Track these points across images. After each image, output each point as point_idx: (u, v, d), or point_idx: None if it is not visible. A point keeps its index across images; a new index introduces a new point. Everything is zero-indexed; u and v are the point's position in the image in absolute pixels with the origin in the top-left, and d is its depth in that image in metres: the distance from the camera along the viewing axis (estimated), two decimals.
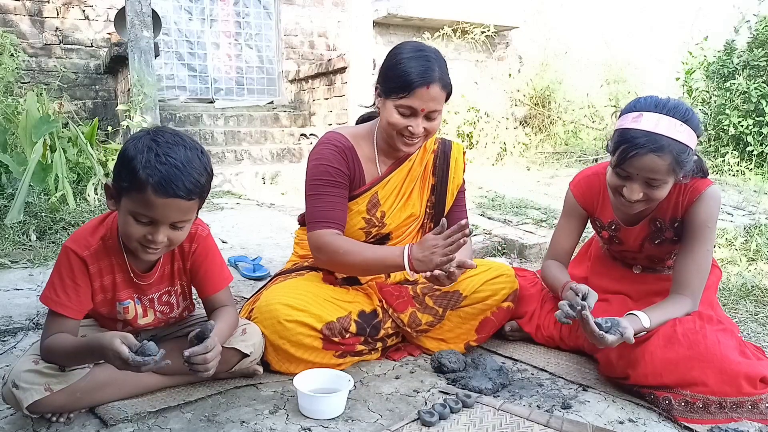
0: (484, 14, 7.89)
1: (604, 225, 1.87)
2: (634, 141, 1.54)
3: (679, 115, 1.55)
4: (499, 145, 6.54)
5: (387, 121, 1.73)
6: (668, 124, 1.53)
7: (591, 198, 1.87)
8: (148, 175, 1.29)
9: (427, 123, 1.74)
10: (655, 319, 1.58)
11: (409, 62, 1.68)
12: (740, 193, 4.89)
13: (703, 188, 1.67)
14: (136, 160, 1.31)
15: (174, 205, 1.33)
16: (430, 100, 1.69)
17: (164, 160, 1.31)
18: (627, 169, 1.58)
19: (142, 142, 1.34)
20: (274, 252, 3.04)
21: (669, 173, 1.55)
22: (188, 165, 1.34)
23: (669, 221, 1.74)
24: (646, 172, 1.55)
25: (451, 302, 1.88)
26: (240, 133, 6.58)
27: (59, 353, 1.39)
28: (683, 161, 1.54)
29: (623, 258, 1.93)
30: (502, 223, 3.75)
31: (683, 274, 1.68)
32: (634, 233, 1.80)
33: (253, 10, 7.84)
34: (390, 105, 1.72)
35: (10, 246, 2.91)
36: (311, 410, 1.49)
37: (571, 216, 1.93)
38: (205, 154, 1.41)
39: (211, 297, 1.61)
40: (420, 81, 1.66)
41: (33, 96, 3.74)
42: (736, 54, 6.47)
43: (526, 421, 1.46)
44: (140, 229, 1.36)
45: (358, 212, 1.85)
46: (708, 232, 1.67)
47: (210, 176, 1.42)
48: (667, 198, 1.69)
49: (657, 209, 1.74)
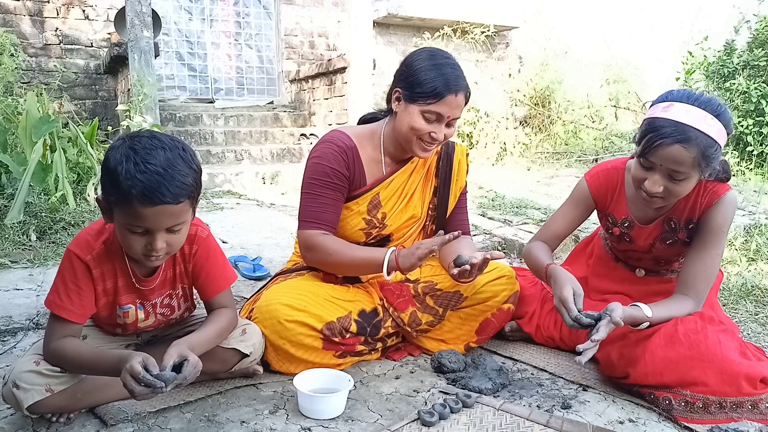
0: (484, 14, 7.89)
1: (617, 221, 1.84)
2: (660, 130, 1.51)
3: (711, 108, 1.51)
4: (499, 145, 6.54)
5: (410, 126, 1.73)
6: (698, 116, 1.50)
7: (607, 192, 1.83)
8: (130, 187, 1.25)
9: (447, 130, 1.76)
10: (658, 313, 1.58)
11: (440, 69, 1.71)
12: (740, 193, 4.89)
13: (723, 192, 1.66)
14: (116, 171, 1.26)
15: (164, 211, 1.29)
16: (456, 108, 1.72)
17: (144, 168, 1.25)
18: (651, 158, 1.54)
19: (120, 151, 1.29)
20: (274, 252, 3.04)
21: (693, 167, 1.51)
22: (170, 168, 1.28)
23: (684, 222, 1.72)
24: (669, 162, 1.52)
25: (451, 303, 1.88)
26: (240, 133, 6.58)
27: (70, 361, 1.37)
28: (710, 156, 1.50)
29: (627, 259, 1.92)
30: (502, 223, 3.75)
31: (691, 276, 1.67)
32: (646, 232, 1.78)
33: (253, 10, 7.85)
34: (415, 110, 1.72)
35: (10, 246, 2.91)
36: (311, 410, 1.49)
37: (578, 205, 1.89)
38: (188, 151, 1.35)
39: (211, 299, 1.60)
40: (452, 88, 1.69)
41: (33, 96, 3.73)
42: (736, 54, 6.48)
43: (526, 421, 1.46)
44: (138, 240, 1.34)
45: (359, 213, 1.85)
46: (722, 237, 1.66)
47: (197, 173, 1.36)
48: (685, 198, 1.67)
49: (673, 209, 1.72)
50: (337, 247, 1.76)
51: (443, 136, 1.75)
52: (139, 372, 1.21)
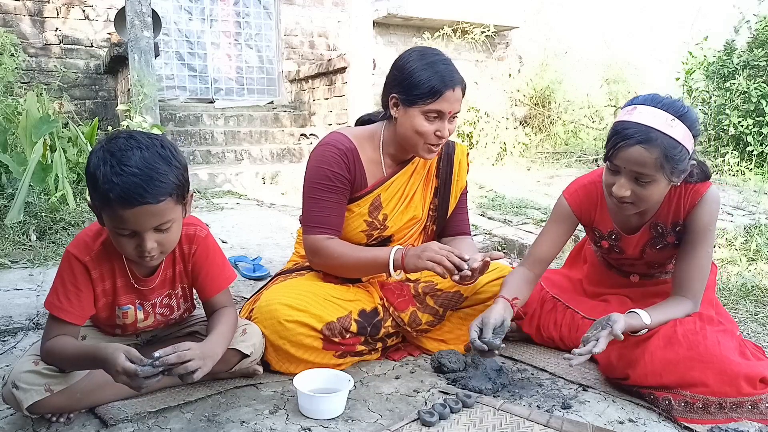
0: (484, 14, 7.89)
1: (603, 235, 1.83)
2: (623, 132, 1.52)
3: (674, 110, 1.51)
4: (499, 145, 6.54)
5: (414, 130, 1.73)
6: (659, 118, 1.50)
7: (589, 207, 1.82)
8: (108, 191, 1.24)
9: (450, 125, 1.76)
10: (656, 318, 1.58)
11: (433, 67, 1.71)
12: (740, 193, 4.89)
13: (704, 190, 1.66)
14: (95, 176, 1.26)
15: (145, 212, 1.27)
16: (456, 102, 1.73)
17: (119, 170, 1.24)
18: (615, 161, 1.55)
19: (98, 155, 1.28)
20: (274, 252, 3.04)
21: (657, 169, 1.51)
22: (147, 168, 1.26)
23: (671, 225, 1.72)
24: (632, 164, 1.52)
25: (451, 303, 1.88)
26: (240, 133, 6.58)
27: (59, 357, 1.38)
28: (673, 158, 1.50)
29: (620, 266, 1.91)
30: (502, 223, 3.75)
31: (685, 277, 1.67)
32: (635, 241, 1.77)
33: (253, 10, 7.85)
34: (416, 113, 1.72)
35: (10, 246, 2.91)
36: (311, 410, 1.48)
37: (561, 223, 1.84)
38: (168, 148, 1.33)
39: (211, 299, 1.60)
40: (448, 84, 1.69)
41: (33, 96, 3.73)
42: (736, 54, 6.48)
43: (526, 421, 1.46)
44: (128, 242, 1.33)
45: (360, 215, 1.85)
46: (710, 235, 1.66)
47: (180, 169, 1.34)
48: (668, 202, 1.68)
49: (657, 214, 1.72)
50: (342, 251, 1.76)
51: (448, 133, 1.75)
52: (135, 370, 1.22)
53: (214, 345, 1.42)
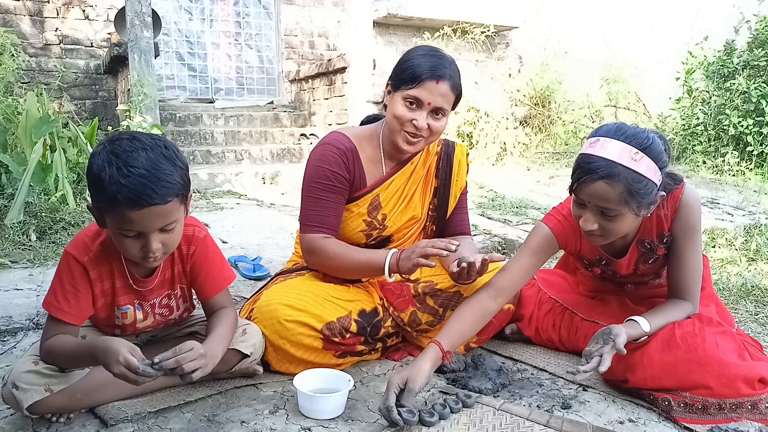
0: (484, 14, 7.89)
1: (593, 261, 1.80)
2: (585, 167, 1.49)
3: (637, 142, 1.46)
4: (499, 145, 6.54)
5: (393, 114, 1.74)
6: (622, 152, 1.45)
7: (574, 237, 1.75)
8: (116, 192, 1.23)
9: (433, 121, 1.73)
10: (655, 324, 1.57)
11: (423, 57, 1.72)
12: (740, 193, 4.89)
13: (680, 194, 1.62)
14: (101, 178, 1.25)
15: (153, 213, 1.28)
16: (439, 95, 1.70)
17: (127, 171, 1.24)
18: (580, 195, 1.52)
19: (102, 157, 1.27)
20: (274, 252, 3.04)
21: (621, 203, 1.46)
22: (154, 169, 1.27)
23: (657, 239, 1.68)
24: (597, 199, 1.48)
25: (451, 303, 1.88)
26: (240, 133, 6.58)
27: (59, 354, 1.38)
28: (638, 192, 1.45)
29: (614, 280, 1.88)
30: (502, 223, 3.75)
31: (679, 280, 1.67)
32: (625, 262, 1.74)
33: (253, 10, 7.85)
34: (398, 97, 1.73)
35: (10, 246, 2.91)
36: (311, 410, 1.48)
37: (540, 253, 1.73)
38: (171, 148, 1.33)
39: (210, 300, 1.60)
40: (430, 73, 1.69)
41: (33, 96, 3.73)
42: (736, 54, 6.48)
43: (526, 421, 1.46)
44: (132, 243, 1.33)
45: (359, 214, 1.84)
46: (697, 234, 1.65)
47: (183, 169, 1.35)
48: (649, 218, 1.63)
49: (641, 231, 1.68)
50: (338, 251, 1.76)
51: (426, 126, 1.72)
52: (138, 367, 1.23)
53: (214, 345, 1.42)
